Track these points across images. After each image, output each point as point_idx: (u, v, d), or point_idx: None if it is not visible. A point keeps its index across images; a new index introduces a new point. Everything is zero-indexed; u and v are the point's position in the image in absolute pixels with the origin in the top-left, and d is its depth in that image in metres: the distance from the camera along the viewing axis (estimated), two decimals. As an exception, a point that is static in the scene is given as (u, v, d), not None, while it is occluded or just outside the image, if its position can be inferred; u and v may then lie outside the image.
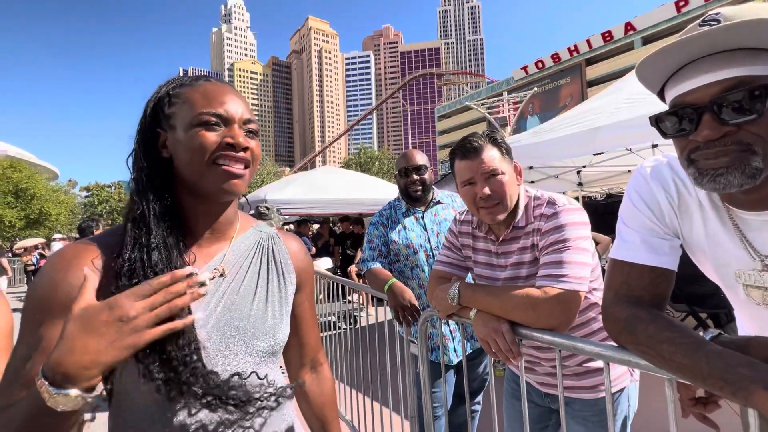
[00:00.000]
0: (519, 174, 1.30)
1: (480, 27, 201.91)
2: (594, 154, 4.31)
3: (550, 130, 4.04)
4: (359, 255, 6.30)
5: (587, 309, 1.27)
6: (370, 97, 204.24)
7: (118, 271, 0.65)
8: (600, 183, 6.22)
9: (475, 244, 1.41)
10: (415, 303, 1.73)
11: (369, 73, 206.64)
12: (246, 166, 0.73)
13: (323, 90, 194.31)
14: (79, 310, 0.55)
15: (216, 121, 0.70)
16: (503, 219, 1.26)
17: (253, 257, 0.82)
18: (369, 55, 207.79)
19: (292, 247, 0.90)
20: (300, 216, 7.12)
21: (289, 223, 7.76)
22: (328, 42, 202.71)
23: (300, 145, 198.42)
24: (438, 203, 2.12)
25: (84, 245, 0.69)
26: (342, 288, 3.18)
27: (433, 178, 2.25)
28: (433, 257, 1.98)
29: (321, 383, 0.95)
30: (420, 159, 2.08)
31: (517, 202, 1.27)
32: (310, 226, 8.02)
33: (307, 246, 5.10)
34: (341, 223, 8.10)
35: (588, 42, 39.84)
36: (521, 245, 1.26)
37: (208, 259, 0.76)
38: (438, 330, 1.89)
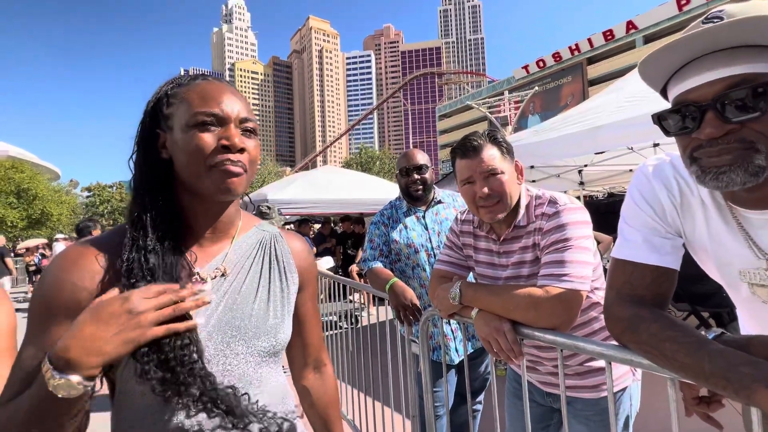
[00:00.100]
0: (520, 173, 1.30)
1: (481, 26, 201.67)
2: (595, 153, 4.30)
3: (551, 129, 4.03)
4: (360, 254, 6.30)
5: (589, 308, 1.27)
6: (370, 97, 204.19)
7: (119, 272, 0.65)
8: (601, 182, 6.21)
9: (477, 243, 1.40)
10: (417, 302, 1.73)
11: (370, 73, 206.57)
12: (243, 167, 0.71)
13: (324, 90, 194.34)
14: (97, 301, 0.59)
15: (211, 121, 0.69)
16: (504, 218, 1.26)
17: (255, 257, 0.81)
18: (370, 55, 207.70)
19: (294, 247, 0.89)
20: (301, 216, 7.12)
21: (290, 223, 7.76)
22: (328, 42, 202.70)
23: (301, 145, 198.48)
24: (439, 202, 2.12)
25: (88, 246, 0.69)
26: (343, 287, 3.18)
27: (434, 177, 2.24)
28: (435, 257, 1.98)
29: (324, 383, 0.95)
30: (421, 158, 2.07)
31: (519, 201, 1.27)
32: (311, 225, 8.02)
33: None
34: (342, 223, 8.10)
35: (589, 41, 39.75)
36: (523, 244, 1.26)
37: (209, 259, 0.76)
38: (439, 329, 1.90)
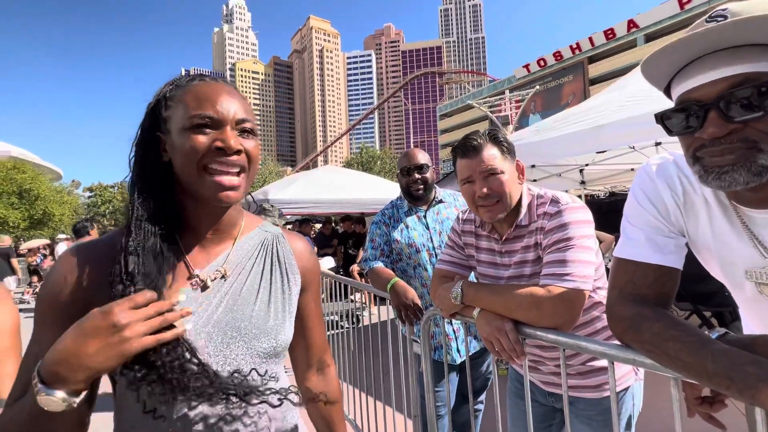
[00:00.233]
0: (521, 173, 1.29)
1: (482, 25, 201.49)
2: (597, 152, 4.30)
3: (552, 128, 4.02)
4: (361, 254, 6.29)
5: (591, 308, 1.27)
6: (371, 97, 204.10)
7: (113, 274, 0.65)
8: (603, 181, 6.20)
9: (478, 242, 1.40)
10: (418, 302, 1.73)
11: (370, 73, 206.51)
12: (241, 169, 0.71)
13: (325, 89, 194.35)
14: (93, 311, 0.57)
15: (207, 123, 0.68)
16: (506, 218, 1.26)
17: (257, 258, 0.81)
18: (370, 55, 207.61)
19: (297, 247, 0.88)
20: (302, 215, 7.12)
21: (290, 223, 7.76)
22: (329, 41, 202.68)
23: (302, 145, 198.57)
24: (440, 202, 2.12)
25: (89, 247, 0.70)
26: (344, 287, 3.18)
27: (435, 176, 2.24)
28: (436, 256, 1.97)
29: (327, 384, 0.95)
30: (422, 158, 2.07)
31: (520, 200, 1.27)
32: (312, 225, 8.02)
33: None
34: (343, 223, 8.10)
35: (590, 39, 39.70)
36: (525, 244, 1.25)
37: (211, 260, 0.76)
38: (441, 329, 1.90)
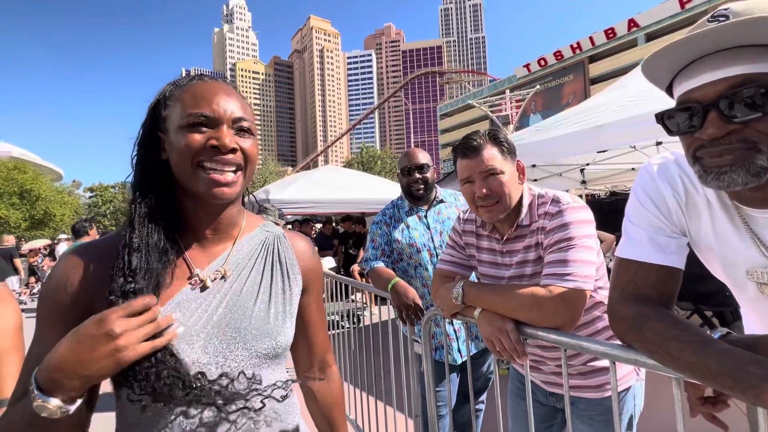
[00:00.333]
0: (522, 173, 1.29)
1: (482, 25, 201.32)
2: (598, 151, 4.29)
3: (552, 127, 4.02)
4: (362, 254, 6.30)
5: (592, 308, 1.27)
6: (372, 96, 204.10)
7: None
8: (604, 181, 6.20)
9: (479, 242, 1.40)
10: (419, 302, 1.73)
11: (371, 72, 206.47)
12: (237, 168, 0.70)
13: (325, 89, 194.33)
14: (91, 319, 0.57)
15: (202, 122, 0.68)
16: (507, 217, 1.26)
17: (258, 258, 0.80)
18: (371, 54, 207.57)
19: (299, 247, 0.88)
20: (302, 215, 7.13)
21: (291, 223, 7.77)
22: (329, 41, 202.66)
23: (302, 145, 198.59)
24: (441, 202, 2.12)
25: (91, 247, 0.70)
26: (345, 287, 3.18)
27: (436, 176, 2.24)
28: (437, 256, 1.97)
29: (329, 384, 0.94)
30: (422, 157, 2.07)
31: (521, 200, 1.27)
32: (312, 225, 8.02)
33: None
34: (343, 223, 8.10)
35: (591, 39, 39.63)
36: (526, 244, 1.25)
37: (211, 260, 0.75)
38: (442, 329, 1.89)
